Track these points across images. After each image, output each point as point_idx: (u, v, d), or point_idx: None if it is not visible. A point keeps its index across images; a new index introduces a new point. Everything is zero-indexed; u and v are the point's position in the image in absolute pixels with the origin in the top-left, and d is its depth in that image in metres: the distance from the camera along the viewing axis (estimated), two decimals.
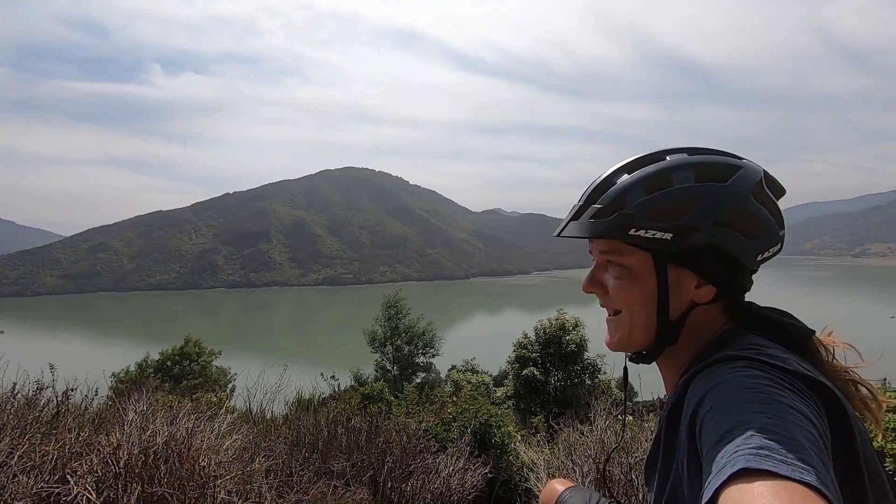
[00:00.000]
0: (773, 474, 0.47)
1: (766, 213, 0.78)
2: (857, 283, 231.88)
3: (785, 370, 0.63)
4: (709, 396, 0.62)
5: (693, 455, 0.62)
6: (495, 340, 38.31)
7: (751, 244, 0.77)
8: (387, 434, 3.64)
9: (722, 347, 0.73)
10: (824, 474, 0.48)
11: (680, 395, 0.71)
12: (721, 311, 0.81)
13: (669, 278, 0.78)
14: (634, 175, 0.80)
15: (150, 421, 2.69)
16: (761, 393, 0.58)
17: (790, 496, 0.45)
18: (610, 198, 0.80)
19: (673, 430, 0.71)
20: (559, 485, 1.29)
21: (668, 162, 0.80)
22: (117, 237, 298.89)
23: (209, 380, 17.74)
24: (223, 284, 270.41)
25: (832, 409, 0.62)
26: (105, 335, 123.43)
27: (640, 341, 0.82)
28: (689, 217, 0.75)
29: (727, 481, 0.48)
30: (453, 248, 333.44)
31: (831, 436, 0.58)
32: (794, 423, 0.53)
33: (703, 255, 0.77)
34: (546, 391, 12.19)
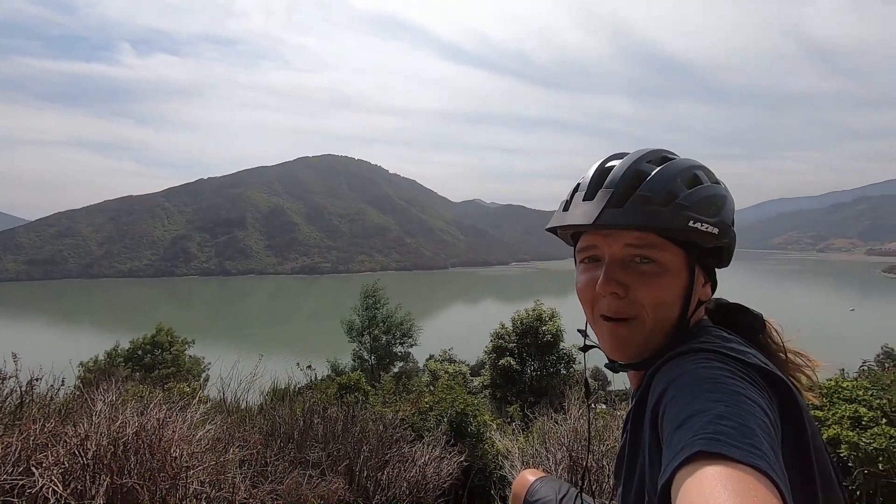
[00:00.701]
0: (726, 458, 0.50)
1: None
2: (822, 276, 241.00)
3: (744, 363, 0.67)
4: (671, 386, 0.65)
5: (655, 442, 0.65)
6: (473, 331, 38.60)
7: (734, 245, 0.82)
8: (363, 423, 3.64)
9: (688, 340, 0.76)
10: (773, 460, 0.52)
11: (646, 386, 0.74)
12: (706, 309, 0.84)
13: (695, 276, 0.79)
14: (666, 167, 0.78)
15: (120, 411, 2.63)
16: (720, 383, 0.61)
17: (740, 478, 0.48)
18: (658, 186, 0.75)
19: (639, 421, 0.74)
20: (530, 475, 1.32)
21: (686, 159, 0.81)
22: (85, 222, 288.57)
23: (182, 369, 17.43)
24: (197, 272, 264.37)
25: (785, 400, 0.66)
26: (72, 323, 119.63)
27: (655, 346, 0.78)
28: (724, 214, 0.78)
29: (683, 463, 0.51)
30: (432, 238, 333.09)
31: (782, 425, 0.62)
32: (748, 411, 0.57)
33: (719, 253, 0.80)
34: (522, 381, 12.36)
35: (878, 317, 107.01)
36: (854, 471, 2.28)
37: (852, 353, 8.52)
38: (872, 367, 3.76)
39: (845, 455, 2.34)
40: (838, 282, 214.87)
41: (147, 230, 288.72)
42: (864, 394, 2.73)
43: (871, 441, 2.29)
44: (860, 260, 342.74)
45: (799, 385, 0.82)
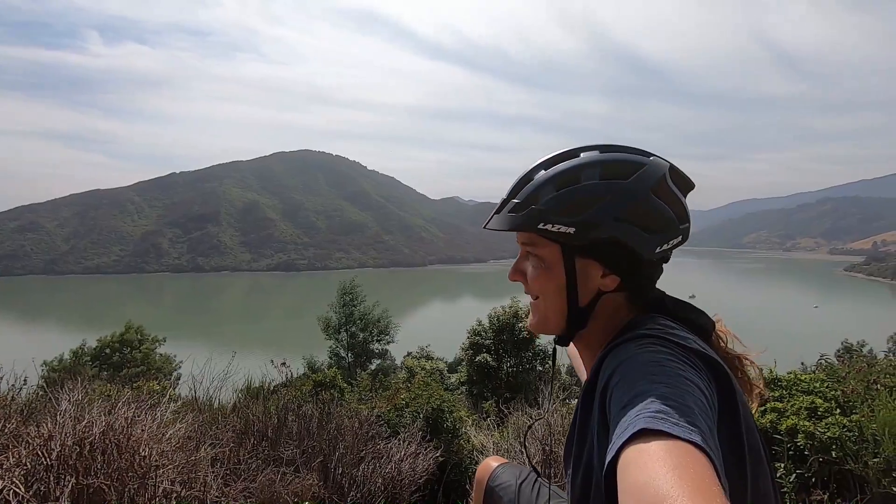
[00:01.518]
0: (667, 434, 0.54)
1: (667, 208, 0.84)
2: (788, 275, 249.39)
3: (685, 347, 0.72)
4: (618, 370, 0.70)
5: (602, 424, 0.69)
6: (451, 328, 38.71)
7: (649, 238, 0.83)
8: (339, 420, 3.62)
9: (634, 328, 0.81)
10: (708, 436, 0.56)
11: (595, 371, 0.79)
12: (629, 298, 0.88)
13: (577, 268, 0.85)
14: (549, 171, 0.86)
15: (86, 410, 2.57)
16: (663, 366, 0.66)
17: (679, 452, 0.52)
18: (525, 193, 0.86)
19: (588, 406, 0.79)
20: (493, 461, 1.36)
21: (579, 159, 0.86)
22: (49, 216, 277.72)
23: (152, 368, 17.00)
24: (168, 269, 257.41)
25: (721, 383, 0.72)
26: (35, 321, 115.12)
27: (553, 325, 0.90)
28: (592, 213, 0.81)
29: (628, 441, 0.55)
30: (411, 235, 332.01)
31: (719, 406, 0.68)
32: (688, 392, 0.62)
33: (606, 247, 0.83)
34: (498, 377, 12.47)
35: (839, 314, 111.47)
36: (810, 459, 2.39)
37: (815, 348, 8.87)
38: (830, 361, 3.94)
39: (802, 444, 2.45)
40: (803, 280, 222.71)
41: (116, 225, 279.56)
42: (820, 385, 2.86)
43: (825, 430, 2.41)
44: (824, 259, 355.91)
45: (740, 379, 0.88)
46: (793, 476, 2.35)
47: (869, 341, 23.81)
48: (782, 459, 2.43)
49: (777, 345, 19.94)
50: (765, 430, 2.64)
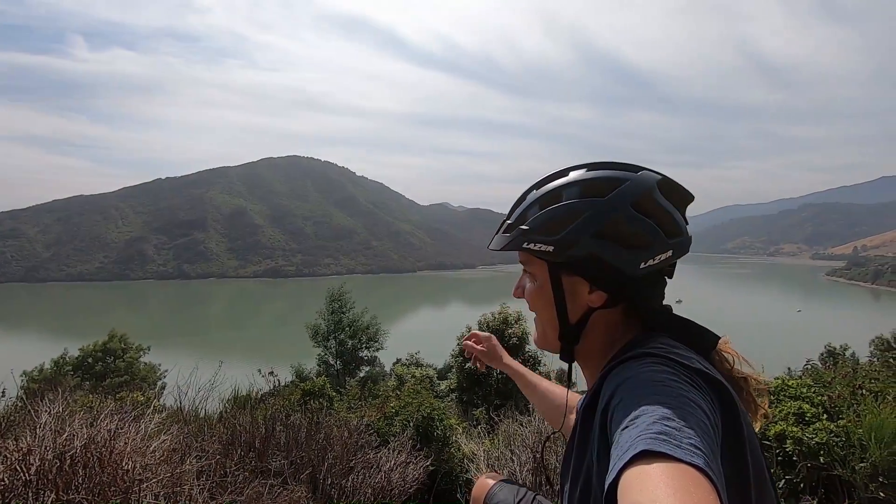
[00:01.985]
0: (669, 456, 0.53)
1: (650, 223, 0.82)
2: (772, 279, 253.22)
3: (688, 367, 0.71)
4: (620, 389, 0.69)
5: (604, 443, 0.68)
6: (440, 334, 38.62)
7: (630, 253, 0.81)
8: (328, 430, 3.58)
9: (636, 347, 0.80)
10: (711, 459, 0.55)
11: (596, 389, 0.78)
12: (628, 314, 0.88)
13: (565, 285, 0.87)
14: (538, 191, 0.90)
15: (67, 423, 2.50)
16: (666, 386, 0.66)
17: (681, 475, 0.51)
18: (517, 214, 0.91)
19: (588, 423, 0.78)
20: (490, 479, 1.34)
21: (565, 178, 0.88)
22: (31, 222, 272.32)
23: (136, 377, 16.68)
24: (154, 276, 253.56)
25: (725, 403, 0.71)
26: (15, 330, 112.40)
27: (551, 341, 0.93)
28: (570, 231, 0.83)
29: (629, 462, 0.54)
30: (400, 241, 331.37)
31: (722, 427, 0.67)
32: (690, 413, 0.61)
33: (587, 264, 0.83)
34: (488, 384, 12.43)
35: (822, 317, 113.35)
36: (798, 464, 2.41)
37: (799, 352, 8.99)
38: (816, 365, 3.99)
39: (790, 450, 2.47)
40: (786, 284, 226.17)
41: (99, 231, 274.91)
42: (807, 391, 2.89)
43: (813, 436, 2.43)
44: (806, 264, 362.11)
45: (744, 399, 0.88)
46: (782, 482, 2.37)
47: (852, 345, 24.22)
48: (772, 465, 2.45)
49: (762, 349, 20.20)
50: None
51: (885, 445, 2.21)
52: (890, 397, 2.64)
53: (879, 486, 2.17)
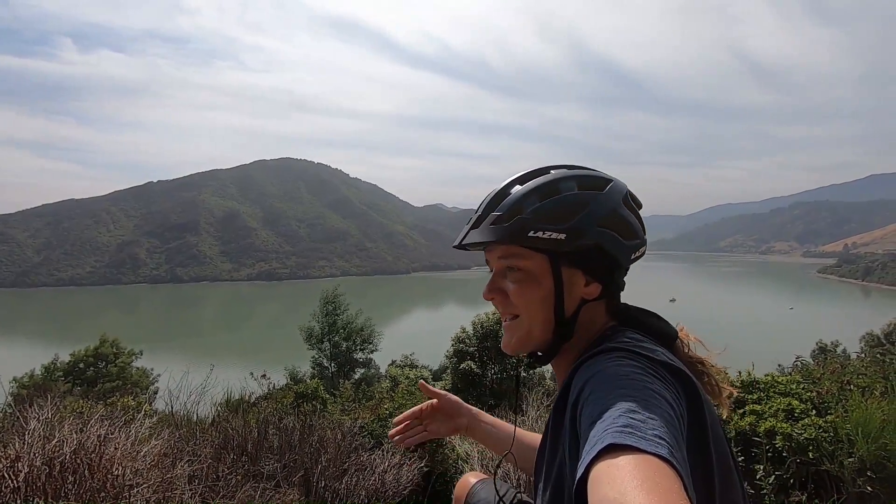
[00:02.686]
0: (635, 448, 0.54)
1: (634, 219, 0.89)
2: (764, 277, 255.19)
3: (654, 360, 0.73)
4: (588, 384, 0.70)
5: (574, 438, 0.69)
6: (435, 335, 38.57)
7: (627, 245, 0.87)
8: (321, 432, 3.57)
9: (605, 341, 0.82)
10: (676, 449, 0.57)
11: (566, 384, 0.79)
12: (604, 308, 0.90)
13: (563, 277, 0.86)
14: (527, 185, 0.89)
15: (57, 429, 2.48)
16: (632, 380, 0.67)
17: (647, 466, 0.52)
18: (508, 205, 0.87)
19: (558, 421, 0.80)
20: (472, 477, 1.34)
21: (554, 174, 0.90)
22: (20, 227, 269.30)
23: (128, 382, 16.54)
24: (146, 280, 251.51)
25: (689, 395, 0.73)
26: (5, 336, 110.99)
27: (537, 341, 0.89)
28: (578, 219, 0.84)
29: (597, 456, 0.56)
30: (394, 243, 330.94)
31: (687, 417, 0.69)
32: (656, 405, 0.62)
33: (591, 254, 0.85)
34: (482, 384, 12.46)
35: (813, 315, 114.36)
36: (788, 460, 2.43)
37: (791, 349, 9.07)
38: (806, 362, 4.03)
39: (780, 445, 2.49)
40: (778, 282, 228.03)
41: (90, 235, 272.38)
42: (796, 387, 2.92)
43: (802, 431, 2.45)
44: (798, 262, 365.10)
45: (707, 385, 0.90)
46: (772, 477, 2.39)
47: (842, 341, 24.48)
48: (762, 461, 2.47)
49: (755, 346, 20.30)
50: (744, 432, 2.68)
51: (872, 440, 2.24)
52: (877, 392, 2.68)
53: (867, 480, 2.20)
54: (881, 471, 2.22)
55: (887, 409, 2.37)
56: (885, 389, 2.74)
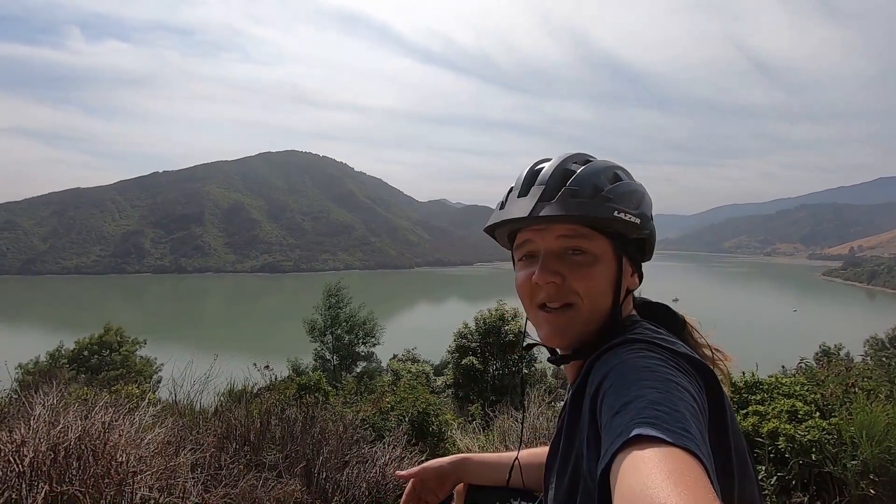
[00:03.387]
0: (661, 441, 0.54)
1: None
2: (768, 279, 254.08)
3: (674, 352, 0.73)
4: (609, 375, 0.69)
5: (593, 430, 0.68)
6: (437, 330, 38.64)
7: (655, 240, 0.89)
8: (323, 424, 3.58)
9: (623, 333, 0.81)
10: (700, 442, 0.56)
11: (584, 376, 0.78)
12: (631, 300, 0.90)
13: (623, 265, 0.85)
14: (590, 166, 0.85)
15: (62, 415, 2.50)
16: (654, 371, 0.67)
17: (673, 458, 0.52)
18: (585, 181, 0.81)
19: (576, 411, 0.78)
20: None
21: (605, 161, 0.88)
22: (27, 215, 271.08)
23: (132, 371, 16.66)
24: (150, 269, 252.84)
25: (710, 386, 0.72)
26: (10, 323, 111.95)
27: (591, 331, 0.83)
28: (644, 207, 0.85)
29: (622, 447, 0.55)
30: (398, 238, 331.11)
31: (708, 409, 0.68)
32: (679, 397, 0.62)
33: (643, 244, 0.87)
34: (484, 380, 12.48)
35: (817, 317, 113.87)
36: (790, 461, 2.43)
37: (795, 351, 9.03)
38: (810, 364, 4.01)
39: (783, 447, 2.48)
40: (782, 284, 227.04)
41: (96, 225, 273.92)
42: (800, 389, 2.91)
43: (805, 433, 2.44)
44: (802, 263, 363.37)
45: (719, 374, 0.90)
46: (774, 479, 2.38)
47: (846, 344, 24.36)
48: (764, 462, 2.46)
49: (758, 348, 20.20)
50: (747, 433, 2.67)
51: (876, 443, 2.23)
52: (882, 395, 2.66)
53: (870, 483, 2.19)
54: (884, 474, 2.21)
55: (892, 413, 2.36)
56: (889, 393, 2.72)
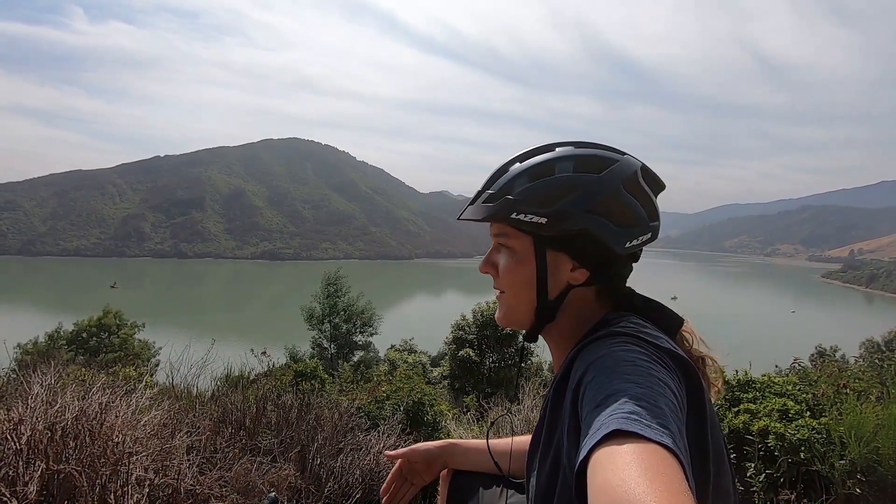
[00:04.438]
0: (639, 436, 0.54)
1: (638, 204, 0.85)
2: (767, 279, 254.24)
3: (657, 346, 0.73)
4: (591, 367, 0.70)
5: (574, 422, 0.69)
6: (435, 321, 38.73)
7: (619, 232, 0.84)
8: (318, 411, 3.61)
9: (606, 326, 0.81)
10: (678, 438, 0.57)
11: (567, 368, 0.79)
12: (600, 294, 0.89)
13: (548, 260, 0.86)
14: (524, 163, 0.88)
15: (59, 395, 2.52)
16: (636, 365, 0.67)
17: (650, 454, 0.52)
18: (500, 184, 0.88)
19: (558, 402, 0.79)
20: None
21: (554, 153, 0.88)
22: (27, 195, 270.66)
23: (130, 353, 16.74)
24: (150, 253, 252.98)
25: (691, 382, 0.72)
26: (8, 303, 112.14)
27: (522, 319, 0.91)
28: (564, 204, 0.83)
29: (601, 441, 0.55)
30: (398, 228, 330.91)
31: (687, 405, 0.68)
32: (660, 392, 0.62)
33: (577, 239, 0.84)
34: (480, 372, 12.55)
35: (815, 319, 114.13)
36: (779, 459, 2.45)
37: (791, 352, 9.06)
38: (803, 364, 4.04)
39: (773, 445, 2.51)
40: (782, 285, 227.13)
41: (96, 207, 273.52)
42: (792, 388, 2.93)
43: (795, 432, 2.47)
44: (802, 265, 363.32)
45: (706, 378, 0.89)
46: (762, 476, 2.41)
47: (842, 346, 24.45)
48: (753, 460, 2.49)
49: (754, 347, 20.30)
50: (738, 430, 2.69)
51: (864, 443, 2.25)
52: (872, 397, 2.69)
53: (857, 482, 2.22)
54: (871, 474, 2.23)
55: (882, 414, 2.38)
56: (881, 394, 2.74)
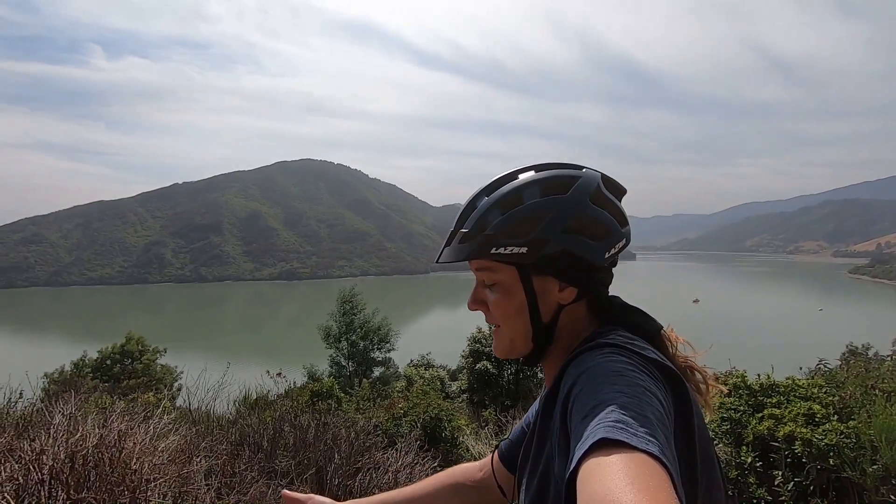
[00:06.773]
0: (626, 445, 0.55)
1: (607, 215, 0.87)
2: (791, 278, 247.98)
3: (644, 357, 0.74)
4: (580, 379, 0.71)
5: (563, 433, 0.70)
6: (453, 335, 38.54)
7: (597, 245, 0.85)
8: (335, 430, 3.61)
9: (596, 338, 0.82)
10: (666, 447, 0.57)
11: (556, 380, 0.80)
12: (587, 306, 0.90)
13: (536, 287, 0.86)
14: (492, 197, 0.89)
15: (80, 423, 2.56)
16: (624, 376, 0.68)
17: (638, 463, 0.53)
18: (473, 221, 0.88)
19: (548, 415, 0.81)
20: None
21: (518, 181, 0.89)
22: (53, 228, 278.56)
23: (153, 379, 16.97)
24: (171, 279, 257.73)
25: (677, 392, 0.73)
26: (37, 333, 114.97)
27: (521, 348, 0.90)
28: (540, 230, 0.83)
29: (588, 452, 0.56)
30: (413, 243, 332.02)
31: (674, 414, 0.69)
32: (646, 402, 0.63)
33: (559, 261, 0.84)
34: (499, 384, 12.41)
35: (844, 316, 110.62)
36: (808, 466, 2.37)
37: (820, 352, 8.80)
38: (829, 366, 3.91)
39: (800, 451, 2.42)
40: (807, 283, 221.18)
41: (119, 236, 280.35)
42: (818, 391, 2.84)
43: (823, 437, 2.38)
44: (827, 261, 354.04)
45: (694, 383, 0.89)
46: (791, 484, 2.32)
47: (874, 344, 23.61)
48: (780, 467, 2.41)
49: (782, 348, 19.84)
50: (762, 437, 2.61)
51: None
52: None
53: (891, 488, 2.12)
54: None
55: None
56: None
